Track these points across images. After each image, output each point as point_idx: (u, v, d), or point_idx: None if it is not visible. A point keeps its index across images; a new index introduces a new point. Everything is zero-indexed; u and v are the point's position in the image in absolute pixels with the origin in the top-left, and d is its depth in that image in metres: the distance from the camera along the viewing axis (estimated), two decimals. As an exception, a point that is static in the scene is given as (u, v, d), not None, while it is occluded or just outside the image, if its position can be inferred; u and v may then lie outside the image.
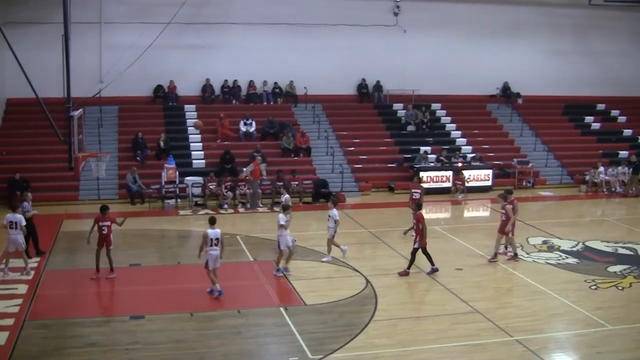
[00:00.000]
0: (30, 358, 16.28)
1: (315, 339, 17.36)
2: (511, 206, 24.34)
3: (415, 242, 22.51)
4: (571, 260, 24.60)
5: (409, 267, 22.57)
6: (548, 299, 20.43)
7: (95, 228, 22.31)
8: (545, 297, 20.66)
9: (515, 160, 39.30)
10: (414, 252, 22.46)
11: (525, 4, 44.54)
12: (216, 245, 20.07)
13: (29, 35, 37.15)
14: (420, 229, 22.24)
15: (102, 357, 16.33)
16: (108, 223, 22.32)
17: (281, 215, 22.51)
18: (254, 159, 34.17)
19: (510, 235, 24.51)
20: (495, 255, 24.31)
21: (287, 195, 26.26)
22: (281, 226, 22.30)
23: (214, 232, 20.09)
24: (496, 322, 18.47)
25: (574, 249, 26.08)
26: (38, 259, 23.92)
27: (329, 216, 24.13)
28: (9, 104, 38.88)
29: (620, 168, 38.53)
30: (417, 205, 23.43)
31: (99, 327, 18.10)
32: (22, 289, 21.03)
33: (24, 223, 22.39)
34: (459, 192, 36.02)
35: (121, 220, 23.00)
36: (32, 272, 22.52)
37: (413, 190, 27.70)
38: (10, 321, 18.36)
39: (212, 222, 20.45)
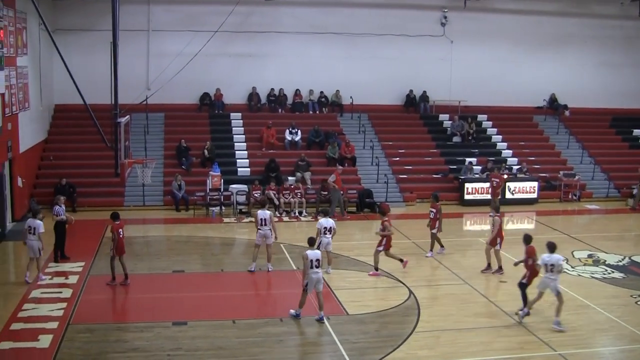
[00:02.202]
0: (73, 362, 16.44)
1: (356, 349, 17.32)
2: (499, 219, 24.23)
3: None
4: (617, 274, 24.27)
5: None
6: (593, 314, 20.16)
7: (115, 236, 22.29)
8: (590, 311, 20.40)
9: (561, 172, 38.89)
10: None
11: (575, 15, 44.08)
12: (317, 267, 19.03)
13: (79, 42, 37.62)
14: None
15: (144, 362, 16.45)
16: (121, 230, 22.38)
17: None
18: (335, 168, 34.73)
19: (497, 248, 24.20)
20: (489, 265, 24.30)
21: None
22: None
23: (314, 254, 19.15)
24: (540, 335, 18.27)
25: (620, 263, 25.72)
26: (82, 263, 24.13)
27: (325, 227, 23.66)
28: (57, 110, 39.32)
29: (668, 182, 37.96)
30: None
31: (141, 332, 18.21)
32: (67, 293, 21.26)
33: (41, 230, 22.46)
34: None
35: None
36: (45, 279, 22.58)
37: (430, 209, 26.75)
38: (54, 324, 18.56)
39: (311, 243, 19.75)
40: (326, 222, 23.50)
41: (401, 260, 24.01)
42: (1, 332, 18.09)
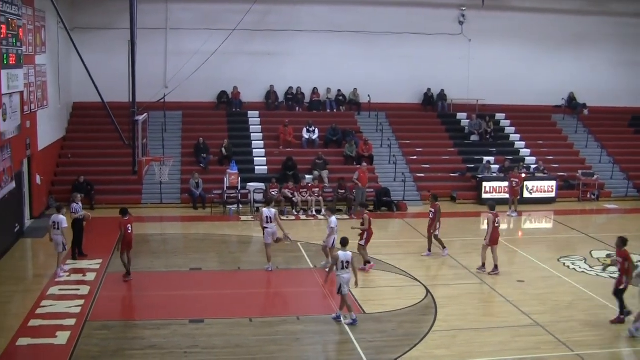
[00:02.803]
0: (90, 358, 16.56)
1: (373, 348, 17.31)
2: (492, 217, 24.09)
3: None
4: (635, 275, 24.05)
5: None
6: (611, 314, 19.95)
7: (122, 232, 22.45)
8: (608, 311, 20.21)
9: (580, 172, 38.69)
10: None
11: (594, 14, 43.85)
12: (347, 267, 18.87)
13: (97, 41, 37.70)
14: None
15: (161, 359, 16.46)
16: (130, 225, 22.55)
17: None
18: (360, 166, 34.97)
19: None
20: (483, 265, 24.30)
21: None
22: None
23: (345, 255, 18.97)
24: (557, 335, 18.19)
25: (639, 263, 25.48)
26: (100, 260, 24.22)
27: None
28: (75, 108, 39.49)
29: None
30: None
31: (158, 329, 18.27)
32: (84, 290, 21.36)
33: (64, 225, 22.74)
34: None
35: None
36: (64, 275, 22.84)
37: (429, 209, 26.27)
38: (71, 321, 18.66)
39: (344, 243, 19.45)
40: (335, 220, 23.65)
41: (367, 262, 23.98)
42: (19, 328, 18.20)
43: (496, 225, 24.19)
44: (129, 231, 22.41)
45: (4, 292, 21.24)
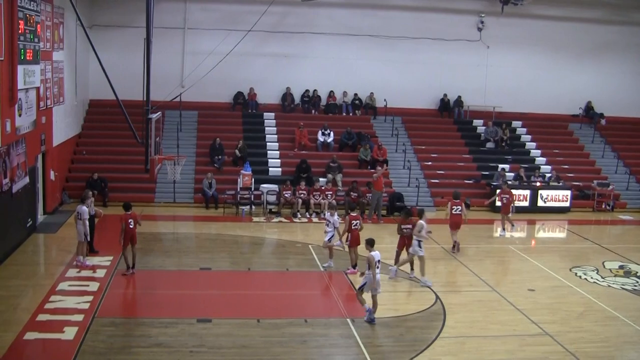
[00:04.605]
0: (97, 354, 16.54)
1: (380, 352, 17.28)
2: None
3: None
4: (648, 286, 23.99)
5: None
6: (621, 326, 19.91)
7: (124, 226, 22.72)
8: (618, 323, 20.14)
9: (595, 182, 38.49)
10: None
11: (615, 23, 43.63)
12: (378, 267, 19.06)
13: (115, 39, 37.94)
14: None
15: (167, 357, 16.52)
16: (132, 220, 22.82)
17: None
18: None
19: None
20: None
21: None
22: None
23: (377, 254, 19.16)
24: (566, 346, 18.08)
25: (644, 273, 25.44)
26: (110, 257, 24.28)
27: (329, 222, 24.46)
28: (91, 105, 39.63)
29: None
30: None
31: (166, 328, 18.27)
32: (94, 286, 21.41)
33: (86, 216, 23.13)
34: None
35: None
36: (86, 262, 23.34)
37: (404, 227, 24.18)
38: (79, 317, 18.71)
39: (371, 243, 19.58)
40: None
41: (353, 267, 23.96)
42: (28, 322, 18.23)
43: (454, 212, 26.94)
44: (131, 226, 22.63)
45: (15, 286, 21.31)
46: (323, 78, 41.72)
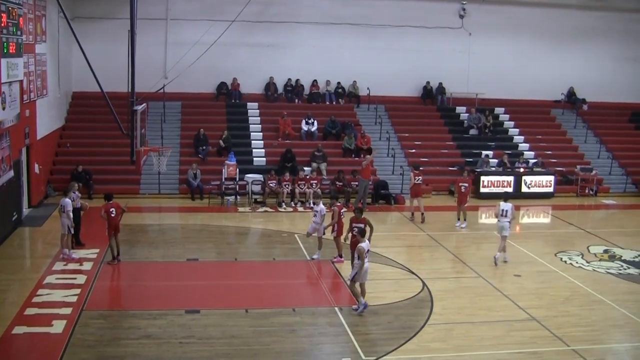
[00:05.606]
0: (86, 347, 16.54)
1: (369, 340, 17.37)
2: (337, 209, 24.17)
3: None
4: (633, 270, 24.12)
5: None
6: (607, 309, 20.09)
7: (105, 215, 23.02)
8: (604, 307, 20.32)
9: (578, 167, 38.68)
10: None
11: (595, 9, 43.76)
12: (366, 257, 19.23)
13: (98, 30, 37.74)
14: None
15: (156, 349, 16.53)
16: (114, 209, 23.06)
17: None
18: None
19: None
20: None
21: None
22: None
23: (367, 245, 19.46)
24: (553, 330, 18.23)
25: (636, 259, 25.56)
26: (97, 249, 24.24)
27: (316, 212, 24.52)
28: (74, 97, 39.46)
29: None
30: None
31: (155, 319, 18.30)
32: (81, 279, 21.38)
33: (69, 208, 23.14)
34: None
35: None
36: (72, 255, 23.36)
37: (355, 225, 22.74)
38: (68, 310, 18.70)
39: (362, 234, 19.87)
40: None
41: (339, 256, 24.05)
42: (16, 316, 18.21)
43: (416, 182, 30.43)
44: (112, 215, 22.81)
45: (1, 280, 21.23)
46: (306, 67, 41.69)
